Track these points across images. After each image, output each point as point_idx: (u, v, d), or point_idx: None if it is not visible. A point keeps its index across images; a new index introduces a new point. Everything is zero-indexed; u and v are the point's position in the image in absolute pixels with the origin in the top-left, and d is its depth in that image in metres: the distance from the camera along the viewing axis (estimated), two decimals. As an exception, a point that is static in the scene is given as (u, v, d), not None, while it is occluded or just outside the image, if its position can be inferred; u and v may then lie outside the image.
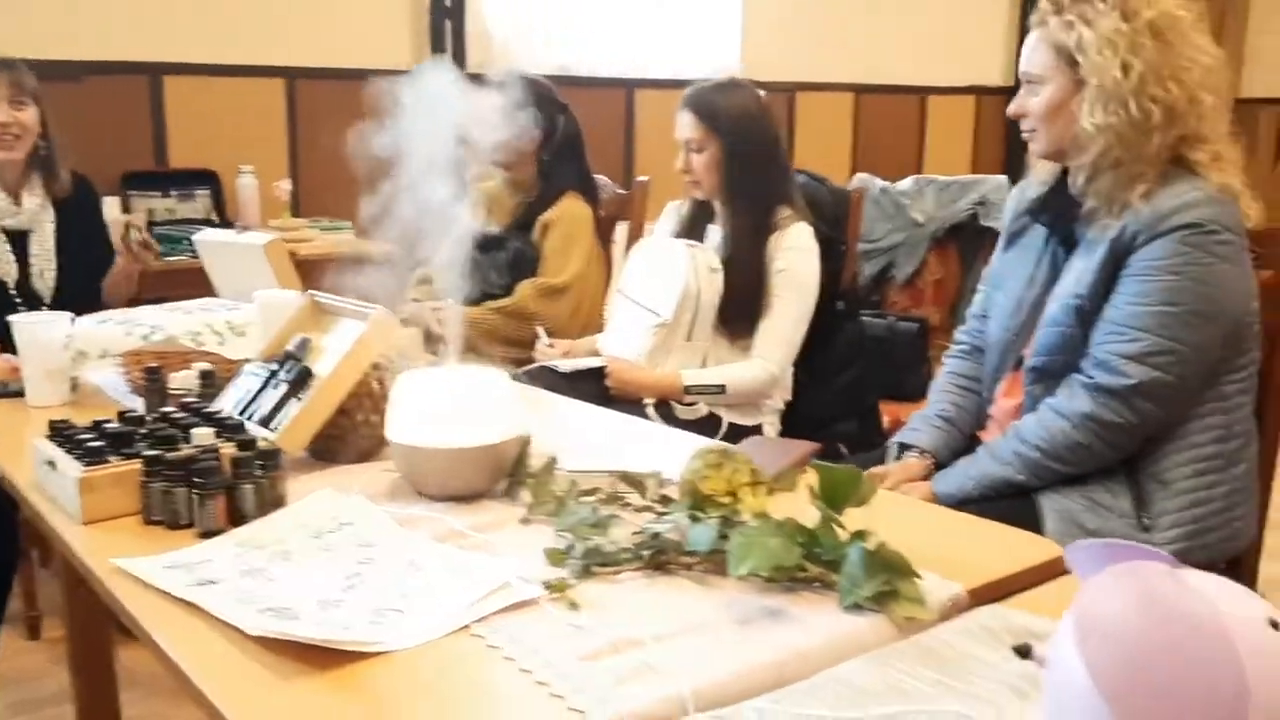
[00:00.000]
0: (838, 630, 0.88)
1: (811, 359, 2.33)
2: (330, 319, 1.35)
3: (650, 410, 2.19)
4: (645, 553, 0.99)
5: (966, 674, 0.81)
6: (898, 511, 1.23)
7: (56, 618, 2.40)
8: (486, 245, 2.72)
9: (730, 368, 2.20)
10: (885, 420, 2.50)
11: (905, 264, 2.98)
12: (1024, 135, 1.72)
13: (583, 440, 1.43)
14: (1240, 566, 1.70)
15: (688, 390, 2.17)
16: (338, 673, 0.82)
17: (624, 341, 2.26)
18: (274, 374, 1.29)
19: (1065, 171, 1.70)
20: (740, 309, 2.20)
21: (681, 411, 2.19)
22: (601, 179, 2.85)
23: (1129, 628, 0.61)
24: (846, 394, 2.42)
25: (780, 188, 2.23)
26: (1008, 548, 1.05)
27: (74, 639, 1.98)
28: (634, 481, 1.11)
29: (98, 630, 1.97)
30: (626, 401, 2.13)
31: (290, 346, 1.32)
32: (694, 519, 1.01)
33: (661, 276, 2.21)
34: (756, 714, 0.74)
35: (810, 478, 0.98)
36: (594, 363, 2.21)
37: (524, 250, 2.66)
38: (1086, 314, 1.61)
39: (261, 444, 1.12)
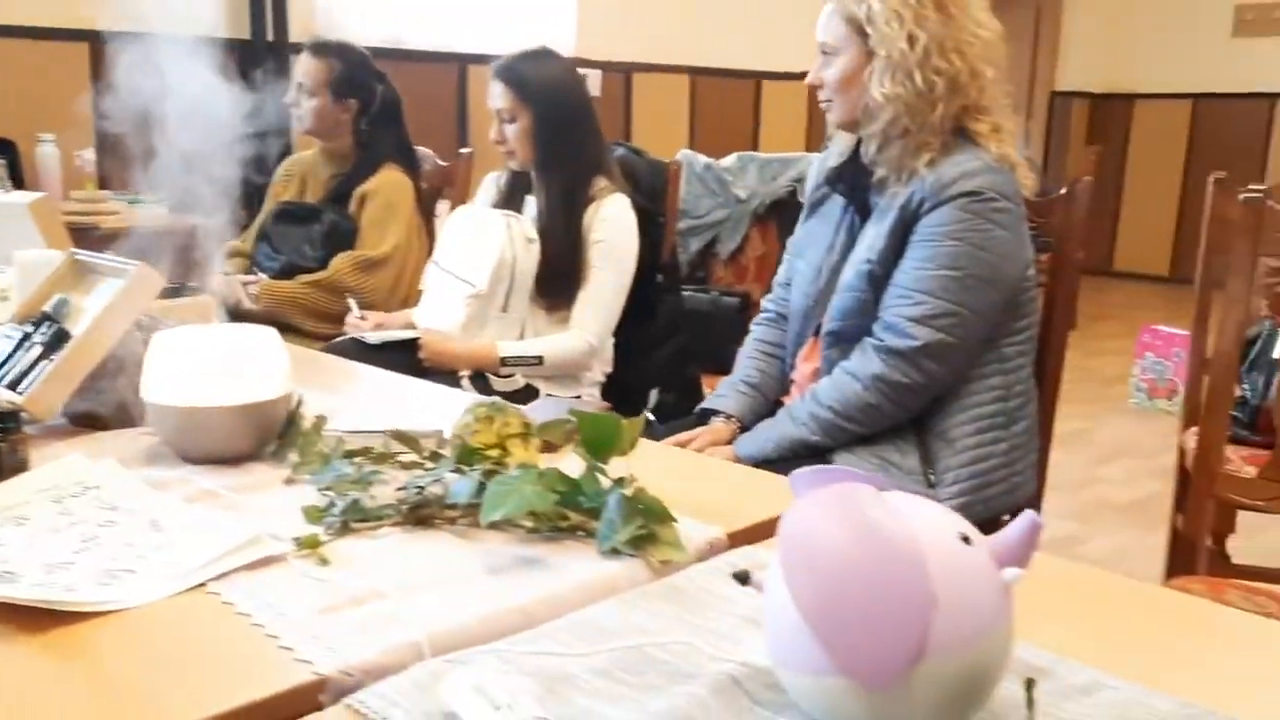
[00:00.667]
0: (593, 575, 0.88)
1: (631, 331, 2.35)
2: (94, 279, 1.28)
3: (465, 383, 2.16)
4: (405, 507, 0.97)
5: (704, 608, 0.82)
6: (668, 462, 1.25)
7: None
8: (301, 217, 2.64)
9: (548, 339, 2.19)
10: (706, 392, 2.53)
11: (729, 240, 3.03)
12: (821, 105, 1.77)
13: (366, 404, 1.39)
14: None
15: (504, 362, 2.15)
16: (58, 634, 0.77)
17: (438, 313, 2.22)
18: (28, 336, 1.21)
19: (860, 141, 1.75)
20: (557, 280, 2.19)
21: (498, 383, 2.17)
22: (424, 151, 2.79)
23: (824, 547, 0.63)
24: (667, 366, 2.44)
25: (595, 158, 2.23)
26: (772, 494, 1.07)
27: None
28: (407, 439, 1.09)
29: None
30: (440, 374, 2.10)
31: (47, 307, 1.24)
32: (459, 472, 0.99)
33: (477, 247, 2.18)
34: (492, 655, 0.74)
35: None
36: (405, 334, 2.17)
37: (340, 223, 2.59)
38: (878, 279, 1.66)
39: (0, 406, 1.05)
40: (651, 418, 2.07)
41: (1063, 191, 1.77)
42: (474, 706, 0.64)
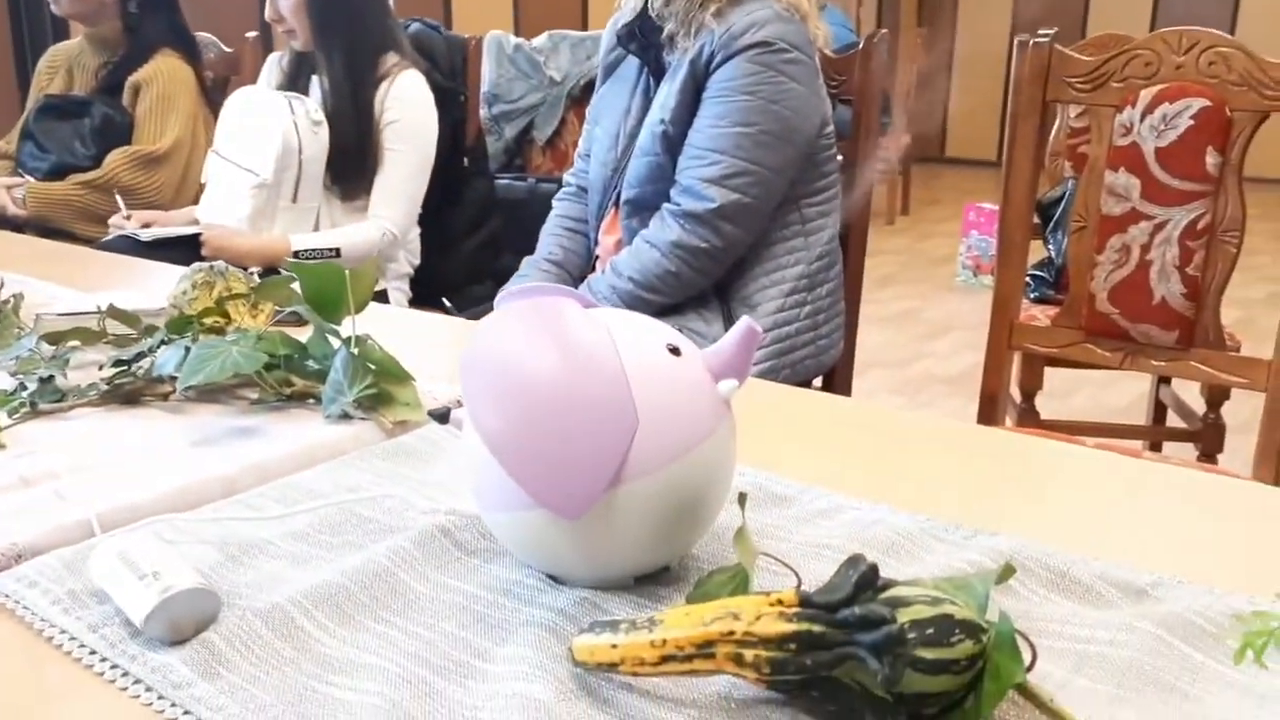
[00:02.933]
0: (315, 441, 0.80)
1: (438, 220, 2.24)
2: None
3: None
4: (106, 386, 0.86)
5: (426, 463, 0.75)
6: (418, 326, 1.19)
7: None
8: (69, 112, 2.41)
9: (344, 229, 2.06)
10: (524, 282, 2.46)
11: (544, 125, 2.90)
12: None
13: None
14: (832, 383, 1.78)
15: (297, 256, 2.01)
16: None
17: (222, 206, 2.06)
18: None
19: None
20: (350, 165, 2.05)
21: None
22: (206, 36, 2.58)
23: (507, 366, 0.56)
24: (478, 256, 2.35)
25: (380, 31, 2.08)
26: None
27: None
28: (124, 316, 0.97)
29: None
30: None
31: None
32: (170, 342, 0.89)
33: (258, 133, 2.02)
34: (167, 526, 0.65)
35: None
36: (182, 231, 2.00)
37: (113, 116, 2.37)
38: (672, 140, 1.59)
39: None
40: (448, 305, 1.99)
41: (859, 46, 1.72)
42: (118, 577, 0.55)
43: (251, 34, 2.58)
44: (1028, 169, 1.57)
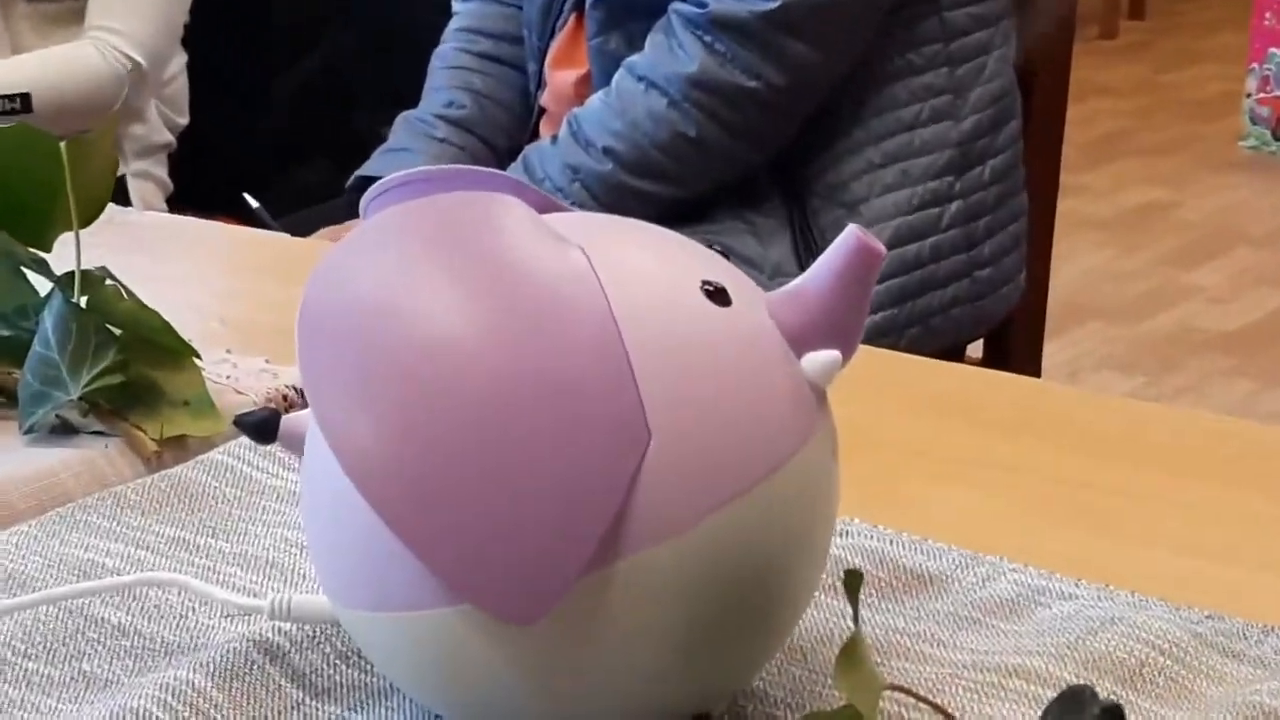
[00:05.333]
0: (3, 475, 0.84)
1: (227, 36, 2.28)
2: None
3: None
4: None
5: (243, 523, 0.81)
6: (193, 248, 1.27)
7: None
8: None
9: (40, 54, 2.14)
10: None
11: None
12: None
13: None
14: (1007, 345, 1.82)
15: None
16: None
17: None
18: None
19: None
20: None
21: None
22: None
23: (407, 332, 0.58)
24: (302, 111, 2.42)
25: None
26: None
27: None
28: None
29: None
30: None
31: None
32: None
33: None
34: None
35: None
36: None
37: None
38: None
39: None
40: (255, 204, 2.01)
41: None
42: None
43: None
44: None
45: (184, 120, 2.29)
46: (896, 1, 1.63)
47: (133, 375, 0.87)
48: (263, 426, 0.65)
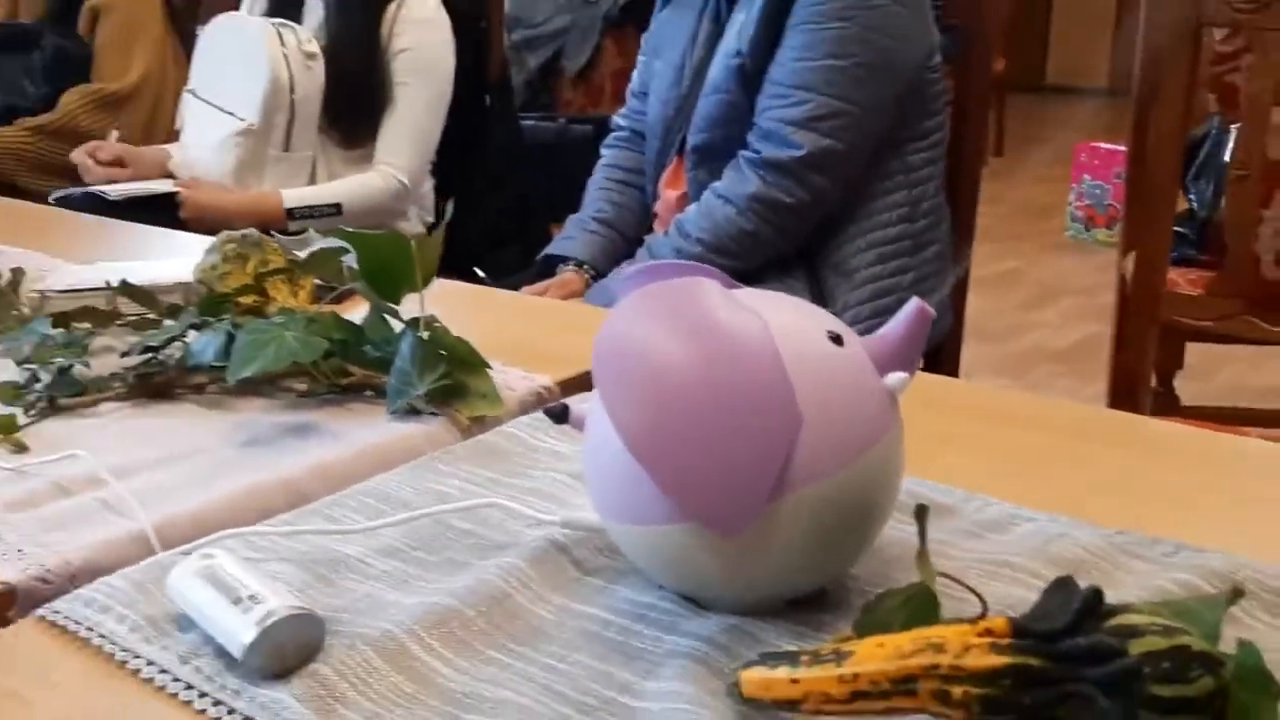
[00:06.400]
0: (384, 439, 0.83)
1: (456, 171, 2.27)
2: None
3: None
4: (133, 376, 0.89)
5: (523, 468, 0.79)
6: (481, 301, 1.23)
7: None
8: (15, 43, 2.45)
9: (346, 181, 2.10)
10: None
11: (576, 53, 2.92)
12: None
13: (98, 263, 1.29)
14: (940, 357, 1.80)
15: (291, 215, 2.05)
16: None
17: (201, 157, 2.10)
18: None
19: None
20: (352, 104, 2.10)
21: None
22: (173, -49, 2.61)
23: (651, 358, 0.59)
24: (505, 215, 2.38)
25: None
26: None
27: None
28: (140, 294, 1.00)
29: None
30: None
31: None
32: (204, 327, 0.92)
33: (241, 68, 2.05)
34: (239, 541, 0.68)
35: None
36: (157, 187, 2.03)
37: (66, 48, 2.42)
38: (749, 75, 1.62)
39: None
40: (481, 274, 2.02)
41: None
42: (207, 602, 0.58)
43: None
44: (1180, 101, 1.57)
45: (430, 218, 2.26)
46: (876, 151, 1.63)
47: (453, 379, 0.86)
48: (560, 413, 0.67)
